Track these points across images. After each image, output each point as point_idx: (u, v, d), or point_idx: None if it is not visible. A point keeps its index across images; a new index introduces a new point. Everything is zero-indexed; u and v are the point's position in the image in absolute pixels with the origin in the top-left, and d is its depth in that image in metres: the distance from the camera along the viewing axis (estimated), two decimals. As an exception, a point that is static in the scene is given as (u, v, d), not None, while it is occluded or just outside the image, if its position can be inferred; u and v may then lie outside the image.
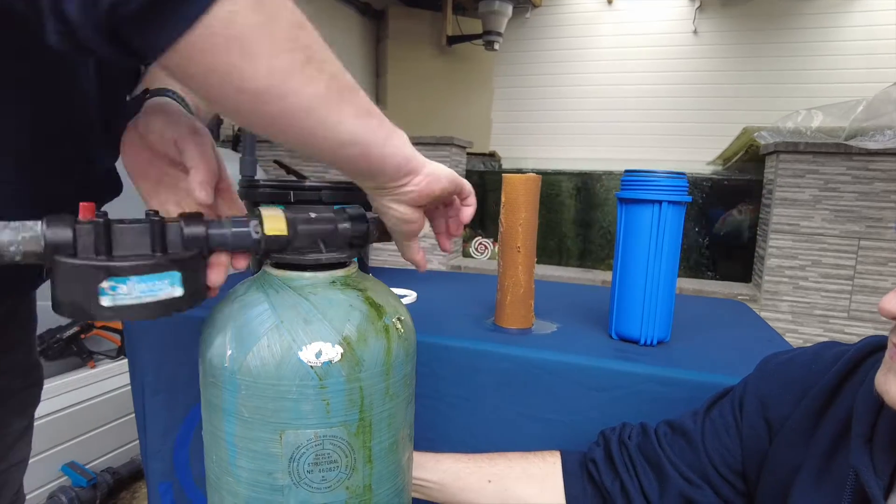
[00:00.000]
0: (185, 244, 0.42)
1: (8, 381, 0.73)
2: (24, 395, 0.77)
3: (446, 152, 2.87)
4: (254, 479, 0.48)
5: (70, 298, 0.39)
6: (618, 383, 0.73)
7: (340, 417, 0.46)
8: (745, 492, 0.57)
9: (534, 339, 0.84)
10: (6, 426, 0.75)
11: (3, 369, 0.72)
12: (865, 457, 0.44)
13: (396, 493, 0.53)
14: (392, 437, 0.51)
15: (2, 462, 0.75)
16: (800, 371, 0.55)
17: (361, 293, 0.51)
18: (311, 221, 0.48)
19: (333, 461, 0.47)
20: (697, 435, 0.59)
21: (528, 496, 0.65)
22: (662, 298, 0.80)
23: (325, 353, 0.45)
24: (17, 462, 0.78)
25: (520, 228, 0.85)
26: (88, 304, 0.38)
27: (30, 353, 0.77)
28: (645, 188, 0.78)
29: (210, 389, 0.48)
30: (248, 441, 0.47)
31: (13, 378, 0.74)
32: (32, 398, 0.79)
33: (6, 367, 0.72)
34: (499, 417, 0.78)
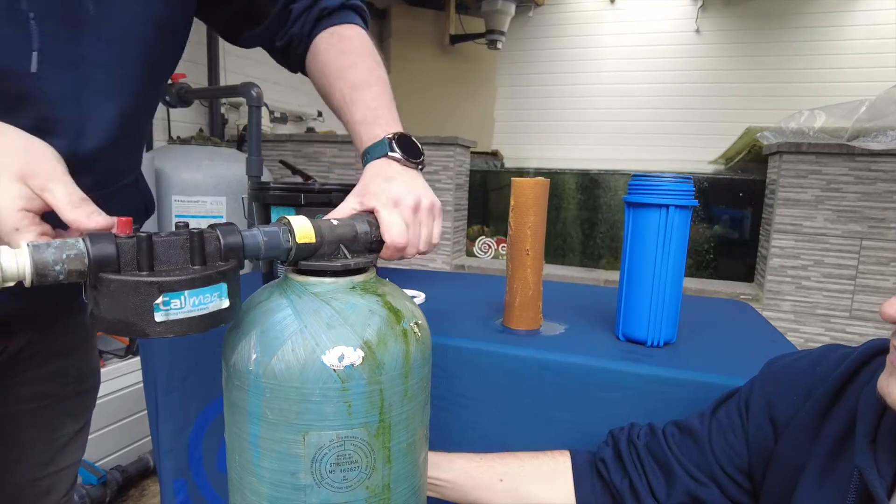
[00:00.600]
0: (223, 255, 0.42)
1: (60, 386, 0.75)
2: (79, 400, 0.78)
3: (451, 152, 2.89)
4: (277, 479, 0.49)
5: (120, 316, 0.38)
6: (625, 384, 0.75)
7: (361, 419, 0.48)
8: (751, 491, 0.59)
9: (542, 340, 0.85)
10: (59, 429, 0.77)
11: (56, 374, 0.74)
12: (869, 457, 0.45)
13: (413, 493, 0.55)
14: (410, 437, 0.52)
15: (53, 464, 0.77)
16: (804, 373, 0.57)
17: (380, 298, 0.52)
18: (335, 228, 0.49)
19: (354, 461, 0.49)
20: (704, 435, 0.61)
21: (539, 494, 0.66)
22: (669, 300, 0.82)
23: (348, 357, 0.47)
24: (70, 465, 0.80)
25: (528, 231, 0.86)
26: (141, 321, 0.38)
27: (85, 359, 0.78)
28: (652, 192, 0.80)
29: (235, 393, 0.50)
30: (272, 442, 0.48)
31: (66, 383, 0.75)
32: (87, 403, 0.80)
33: (60, 372, 0.74)
34: (508, 417, 0.80)
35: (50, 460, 0.77)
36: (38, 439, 0.75)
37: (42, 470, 0.77)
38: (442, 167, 2.92)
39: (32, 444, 0.75)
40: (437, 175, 2.93)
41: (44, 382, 0.73)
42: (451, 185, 2.94)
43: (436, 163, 2.92)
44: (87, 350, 0.79)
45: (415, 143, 0.66)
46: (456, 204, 3.01)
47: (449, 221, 2.94)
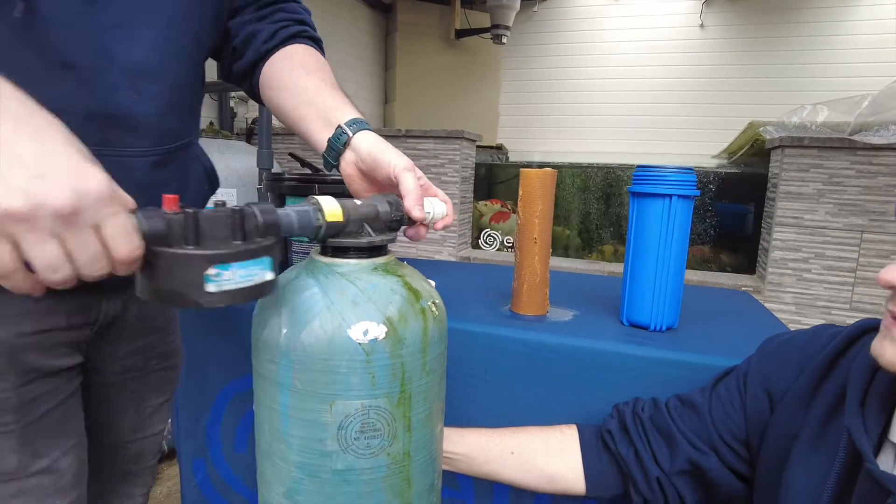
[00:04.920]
0: (262, 231, 0.45)
1: (146, 361, 0.81)
2: (162, 375, 0.85)
3: (457, 146, 2.92)
4: (305, 445, 0.53)
5: (172, 286, 0.40)
6: (629, 366, 0.78)
7: (384, 389, 0.52)
8: (748, 459, 0.63)
9: (549, 325, 0.89)
10: (145, 400, 0.84)
11: (142, 349, 0.80)
12: (858, 419, 0.49)
13: (430, 461, 0.59)
14: (427, 409, 0.56)
15: (140, 431, 0.84)
16: (798, 349, 0.61)
17: (400, 278, 0.56)
18: (358, 207, 0.53)
19: (377, 429, 0.52)
20: (705, 407, 0.64)
21: (549, 465, 0.70)
22: (672, 286, 0.85)
23: (372, 332, 0.50)
24: (156, 433, 0.87)
25: (536, 220, 0.90)
26: (193, 291, 0.40)
27: (167, 339, 0.84)
28: (656, 183, 0.83)
29: (265, 366, 0.54)
30: (301, 411, 0.52)
31: (150, 358, 0.82)
32: (170, 379, 0.87)
33: (145, 348, 0.80)
34: (517, 397, 0.83)
35: (138, 427, 0.84)
36: (128, 407, 0.82)
37: (132, 435, 0.84)
38: (448, 160, 2.95)
39: (124, 410, 0.82)
40: (444, 168, 2.97)
41: (132, 357, 0.79)
42: (457, 178, 2.97)
43: (442, 156, 2.95)
44: (171, 330, 0.85)
45: None
46: (462, 197, 3.04)
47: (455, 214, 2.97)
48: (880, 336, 0.47)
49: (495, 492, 0.87)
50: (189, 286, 0.40)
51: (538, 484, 0.71)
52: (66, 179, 0.38)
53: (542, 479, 0.71)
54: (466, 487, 0.89)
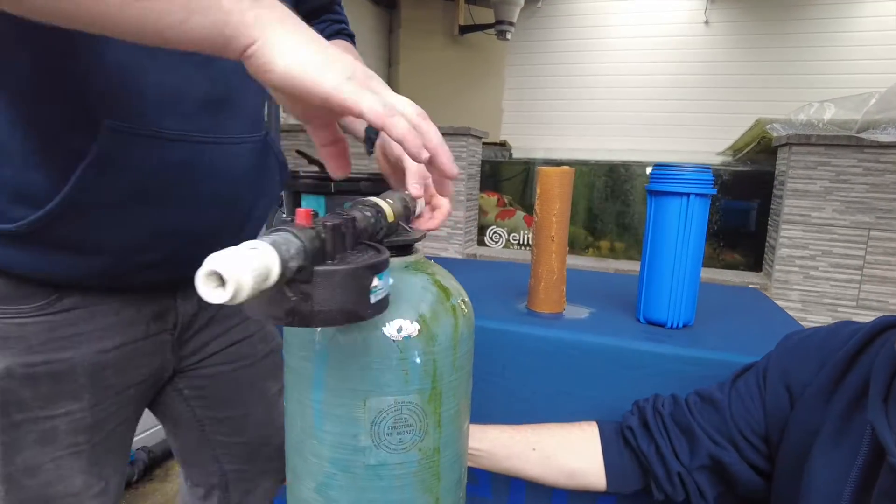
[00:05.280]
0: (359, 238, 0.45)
1: (252, 347, 0.82)
2: (271, 359, 0.86)
3: (463, 142, 2.92)
4: (338, 441, 0.54)
5: (340, 305, 0.39)
6: (647, 363, 0.79)
7: (416, 386, 0.52)
8: (768, 454, 0.64)
9: (567, 322, 0.90)
10: (265, 388, 0.85)
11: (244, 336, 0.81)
12: (881, 412, 0.50)
13: (458, 457, 0.60)
14: (456, 405, 0.57)
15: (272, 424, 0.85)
16: (819, 345, 0.62)
17: (430, 277, 0.57)
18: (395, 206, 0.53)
19: (409, 425, 0.53)
20: (725, 403, 0.65)
21: (570, 461, 0.71)
22: (688, 284, 0.86)
23: (405, 329, 0.51)
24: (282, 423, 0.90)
25: (554, 219, 0.90)
26: (359, 306, 0.39)
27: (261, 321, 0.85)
28: (674, 181, 0.84)
29: (299, 362, 0.54)
30: (334, 407, 0.53)
31: (255, 343, 0.83)
32: (279, 361, 0.87)
33: (245, 334, 0.82)
34: (535, 394, 0.84)
35: (269, 420, 0.85)
36: (253, 399, 0.83)
37: (266, 428, 0.85)
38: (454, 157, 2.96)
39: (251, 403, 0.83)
40: (449, 165, 2.97)
41: (236, 347, 0.80)
42: (464, 176, 2.97)
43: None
44: None
45: None
46: (468, 194, 3.05)
47: (461, 211, 2.98)
48: None
49: (512, 486, 0.88)
50: (356, 301, 0.39)
51: (559, 480, 0.72)
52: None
53: (563, 475, 0.72)
54: (484, 482, 0.90)
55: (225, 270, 0.32)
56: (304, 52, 0.40)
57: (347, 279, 0.38)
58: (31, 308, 0.60)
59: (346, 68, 0.41)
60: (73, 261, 0.59)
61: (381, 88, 0.43)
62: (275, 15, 0.40)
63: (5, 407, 0.60)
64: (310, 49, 0.40)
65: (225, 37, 0.39)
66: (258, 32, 0.39)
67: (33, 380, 0.60)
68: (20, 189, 0.55)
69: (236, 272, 0.32)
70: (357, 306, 0.39)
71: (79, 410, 0.63)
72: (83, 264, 0.60)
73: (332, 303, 0.38)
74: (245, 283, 0.32)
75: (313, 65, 0.39)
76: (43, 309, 0.60)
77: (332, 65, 0.40)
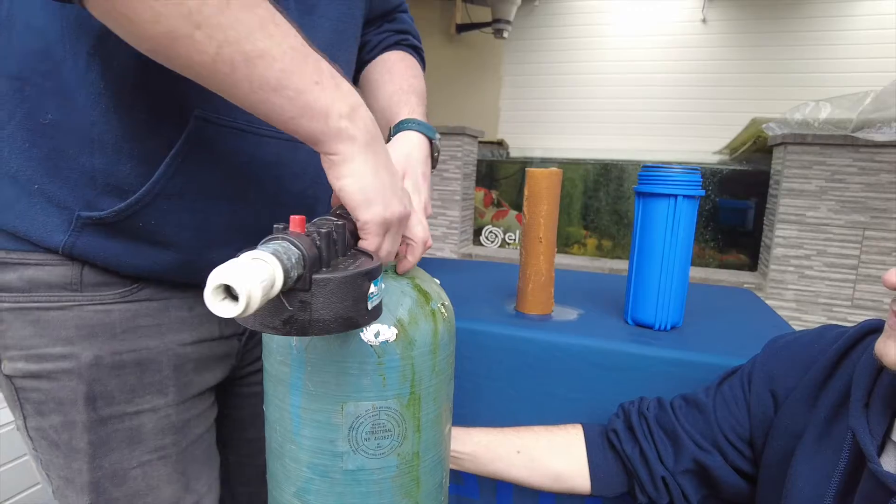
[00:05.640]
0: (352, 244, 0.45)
1: None
2: None
3: (458, 142, 2.92)
4: (316, 446, 0.53)
5: (339, 313, 0.38)
6: (634, 365, 0.79)
7: (394, 391, 0.52)
8: (752, 458, 0.63)
9: (554, 324, 0.89)
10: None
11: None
12: (862, 419, 0.49)
13: (439, 461, 0.59)
14: (437, 409, 0.57)
15: None
16: (804, 349, 0.61)
17: (410, 281, 0.56)
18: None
19: (387, 430, 0.53)
20: (709, 407, 0.65)
21: (554, 464, 0.71)
22: (676, 286, 0.86)
23: (383, 334, 0.51)
24: None
25: (542, 220, 0.90)
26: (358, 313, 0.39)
27: None
28: (661, 183, 0.83)
29: (278, 367, 0.54)
30: (312, 412, 0.53)
31: None
32: None
33: None
34: (522, 397, 0.84)
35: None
36: None
37: None
38: (450, 157, 2.95)
39: None
40: (445, 165, 2.97)
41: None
42: (459, 175, 2.97)
43: (444, 152, 2.95)
44: None
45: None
46: (464, 193, 3.04)
47: (457, 211, 2.98)
48: (884, 336, 0.48)
49: (499, 489, 0.88)
50: (356, 308, 0.39)
51: (543, 483, 0.72)
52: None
53: (548, 478, 0.71)
54: (471, 484, 0.89)
55: (236, 283, 0.31)
56: (366, 180, 0.48)
57: (346, 286, 0.38)
58: (114, 295, 0.59)
59: (387, 209, 0.49)
60: (153, 252, 0.59)
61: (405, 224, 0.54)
62: (362, 138, 0.48)
63: (93, 400, 0.59)
64: (372, 181, 0.48)
65: (317, 140, 0.47)
66: (343, 148, 0.47)
67: (120, 368, 0.60)
68: (110, 178, 0.55)
69: (247, 285, 0.32)
70: (355, 313, 0.39)
71: (164, 406, 0.63)
72: (161, 257, 0.60)
73: (331, 311, 0.38)
74: (255, 295, 0.32)
75: (364, 194, 0.48)
76: (124, 296, 0.60)
77: (377, 202, 0.48)
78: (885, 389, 0.50)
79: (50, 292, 0.57)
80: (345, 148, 0.47)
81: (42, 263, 0.57)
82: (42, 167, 0.54)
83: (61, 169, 0.54)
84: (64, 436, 0.59)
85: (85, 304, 0.58)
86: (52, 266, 0.57)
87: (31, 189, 0.55)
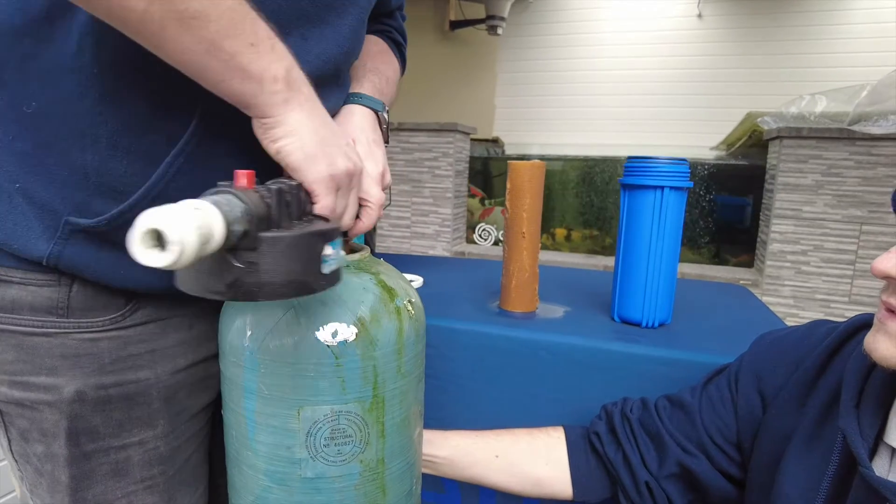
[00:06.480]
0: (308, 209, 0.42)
1: None
2: None
3: (450, 138, 2.88)
4: (272, 452, 0.50)
5: (291, 276, 0.35)
6: (619, 364, 0.75)
7: (355, 394, 0.49)
8: (740, 461, 0.60)
9: (538, 322, 0.86)
10: None
11: None
12: (853, 421, 0.46)
13: (408, 468, 0.56)
14: (404, 413, 0.53)
15: None
16: (792, 346, 0.58)
17: (374, 276, 0.53)
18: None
19: (348, 435, 0.50)
20: (695, 408, 0.62)
21: (535, 469, 0.68)
22: (664, 282, 0.82)
23: (341, 333, 0.47)
24: None
25: (525, 215, 0.87)
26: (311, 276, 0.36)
27: None
28: (647, 174, 0.80)
29: (231, 369, 0.51)
30: (267, 417, 0.49)
31: None
32: None
33: None
34: (504, 397, 0.81)
35: None
36: None
37: None
38: (441, 154, 2.92)
39: None
40: (437, 162, 2.93)
41: None
42: (451, 172, 2.94)
43: (435, 149, 2.92)
44: None
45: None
46: (456, 191, 3.01)
47: (449, 209, 2.94)
48: (874, 330, 0.45)
49: (482, 495, 0.85)
50: (309, 271, 0.36)
51: (524, 488, 0.69)
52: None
53: (528, 484, 0.68)
54: (452, 490, 0.86)
55: (167, 228, 0.28)
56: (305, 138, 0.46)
57: (297, 246, 0.35)
58: (104, 321, 0.54)
59: (332, 165, 0.47)
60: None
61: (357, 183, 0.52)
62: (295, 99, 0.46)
63: (75, 436, 0.54)
64: (311, 138, 0.46)
65: (249, 104, 0.45)
66: (277, 111, 0.45)
67: (106, 403, 0.55)
68: (104, 178, 0.49)
69: (180, 230, 0.28)
70: (308, 276, 0.36)
71: (153, 439, 0.58)
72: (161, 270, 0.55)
73: (281, 273, 0.35)
74: (190, 243, 0.29)
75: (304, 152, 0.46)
76: (115, 322, 0.55)
77: (320, 159, 0.46)
78: (876, 388, 0.47)
79: (34, 316, 0.52)
80: (279, 110, 0.45)
81: (25, 283, 0.52)
82: (26, 163, 0.49)
83: (48, 165, 0.48)
84: (47, 466, 0.55)
85: (71, 331, 0.53)
86: (36, 287, 0.52)
87: (11, 189, 0.49)
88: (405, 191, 3.06)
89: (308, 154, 0.46)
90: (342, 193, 0.49)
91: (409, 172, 3.02)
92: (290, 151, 0.45)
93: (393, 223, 3.15)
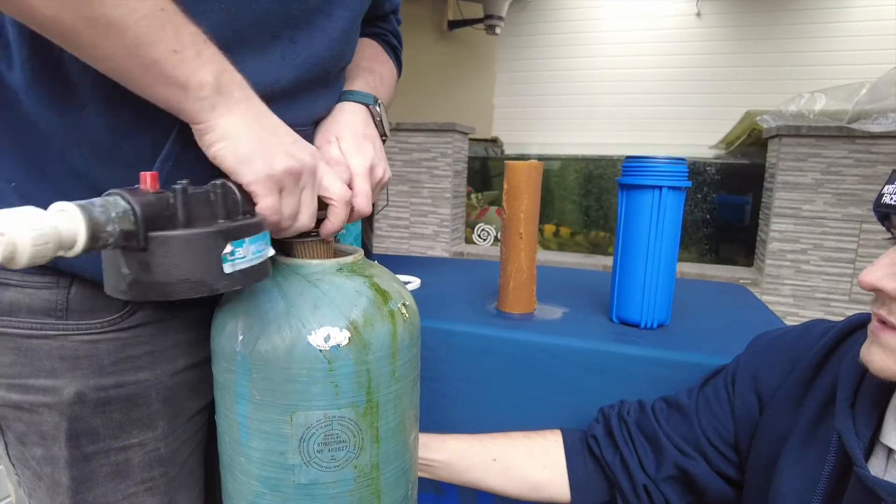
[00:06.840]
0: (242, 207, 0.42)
1: None
2: None
3: (448, 138, 2.88)
4: (265, 458, 0.49)
5: (185, 275, 0.35)
6: (617, 365, 0.75)
7: (349, 399, 0.48)
8: (737, 462, 0.60)
9: (536, 323, 0.85)
10: None
11: None
12: (848, 420, 0.46)
13: (403, 472, 0.55)
14: (398, 417, 0.53)
15: None
16: (789, 346, 0.58)
17: (367, 279, 0.52)
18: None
19: (342, 441, 0.49)
20: (692, 409, 0.61)
21: (532, 473, 0.67)
22: (662, 282, 0.82)
23: (334, 338, 0.47)
24: None
25: (522, 215, 0.86)
26: (210, 276, 0.36)
27: None
28: (645, 174, 0.79)
29: (223, 374, 0.50)
30: (260, 422, 0.49)
31: None
32: None
33: None
34: (502, 399, 0.80)
35: None
36: None
37: None
38: (440, 154, 2.91)
39: None
40: (435, 162, 2.93)
41: None
42: (450, 172, 2.93)
43: (433, 149, 2.91)
44: None
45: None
46: (454, 191, 3.00)
47: (447, 209, 2.94)
48: (868, 342, 0.45)
49: (480, 498, 0.84)
50: (206, 270, 0.36)
51: (521, 492, 0.68)
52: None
53: (526, 487, 0.68)
54: (450, 493, 0.86)
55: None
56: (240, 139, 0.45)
57: (188, 245, 0.35)
58: (103, 323, 0.54)
59: (270, 164, 0.46)
60: None
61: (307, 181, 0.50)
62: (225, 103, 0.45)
63: (75, 437, 0.54)
64: (247, 139, 0.46)
65: (179, 110, 0.44)
66: (208, 116, 0.44)
67: (105, 405, 0.55)
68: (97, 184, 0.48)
69: (12, 230, 0.29)
70: (205, 275, 0.36)
71: (153, 440, 0.58)
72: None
73: (174, 272, 0.35)
74: (23, 243, 0.29)
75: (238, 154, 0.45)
76: (115, 323, 0.55)
77: (256, 158, 0.45)
78: (871, 388, 0.46)
79: (32, 318, 0.52)
80: (208, 116, 0.45)
81: (23, 285, 0.51)
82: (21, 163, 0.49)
83: (42, 166, 0.49)
84: (46, 469, 0.55)
85: (70, 333, 0.53)
86: (34, 289, 0.51)
87: (6, 188, 0.49)
88: (403, 191, 3.05)
89: (242, 156, 0.45)
90: (288, 193, 0.48)
91: (407, 173, 3.02)
92: (224, 156, 0.45)
93: (391, 224, 3.15)
